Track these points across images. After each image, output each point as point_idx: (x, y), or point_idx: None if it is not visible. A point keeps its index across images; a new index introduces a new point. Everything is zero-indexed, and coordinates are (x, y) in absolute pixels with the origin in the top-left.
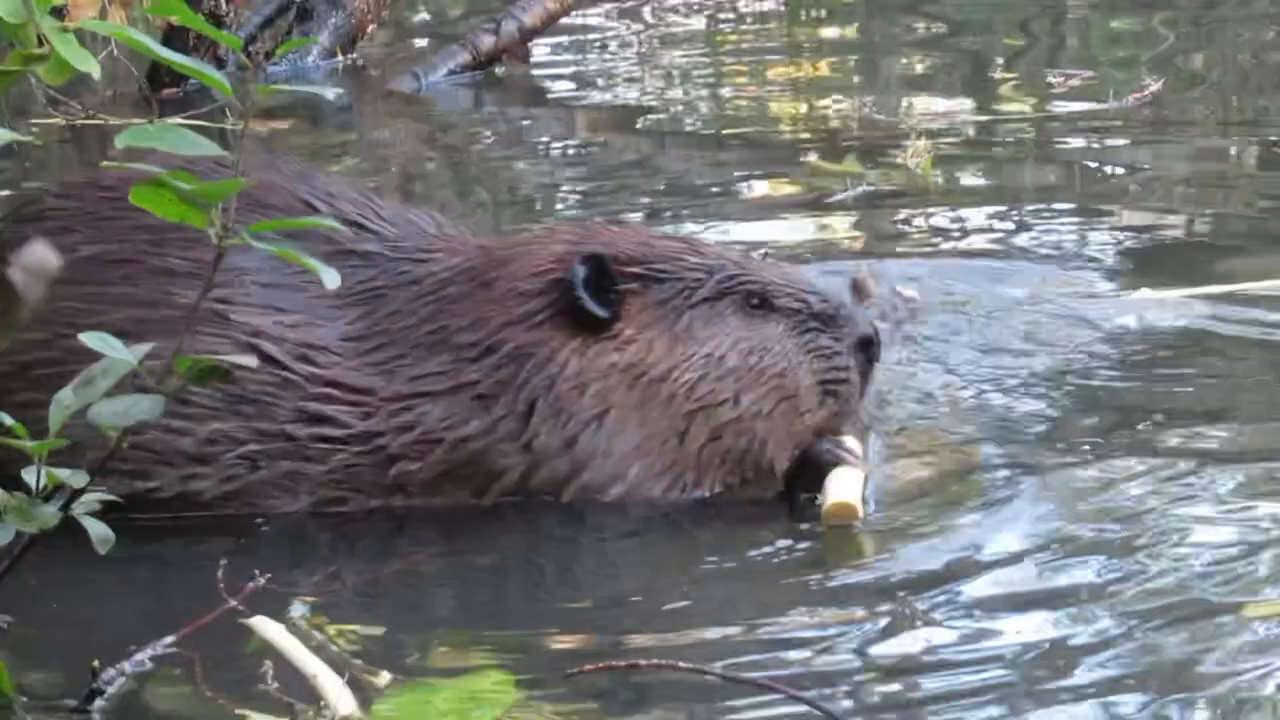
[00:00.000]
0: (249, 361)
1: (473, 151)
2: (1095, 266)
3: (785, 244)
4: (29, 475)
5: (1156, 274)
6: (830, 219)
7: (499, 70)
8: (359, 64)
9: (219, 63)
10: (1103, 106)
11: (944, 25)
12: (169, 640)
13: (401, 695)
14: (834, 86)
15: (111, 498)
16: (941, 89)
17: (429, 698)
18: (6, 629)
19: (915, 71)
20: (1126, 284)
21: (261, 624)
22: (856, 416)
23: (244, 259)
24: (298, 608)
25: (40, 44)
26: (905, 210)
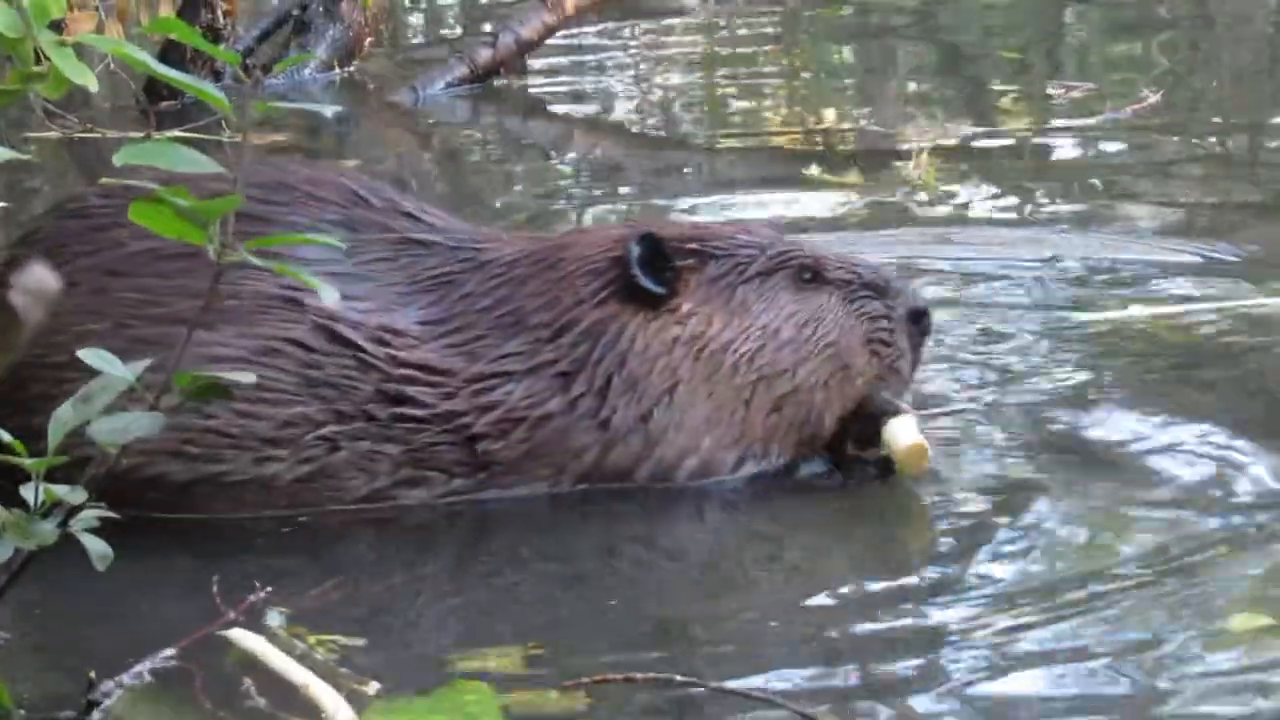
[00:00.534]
0: (248, 379)
1: (470, 164)
2: (1092, 279)
3: None
4: (27, 491)
5: (1154, 289)
6: (830, 231)
7: (496, 83)
8: (356, 77)
9: (216, 75)
10: (1103, 118)
11: (942, 41)
12: (169, 652)
13: (393, 705)
14: (833, 100)
15: (111, 514)
16: (941, 103)
17: (421, 707)
18: (2, 644)
19: (915, 85)
20: (1126, 297)
21: (242, 636)
22: (907, 387)
23: (307, 249)
24: (275, 617)
25: (38, 59)
26: (907, 221)
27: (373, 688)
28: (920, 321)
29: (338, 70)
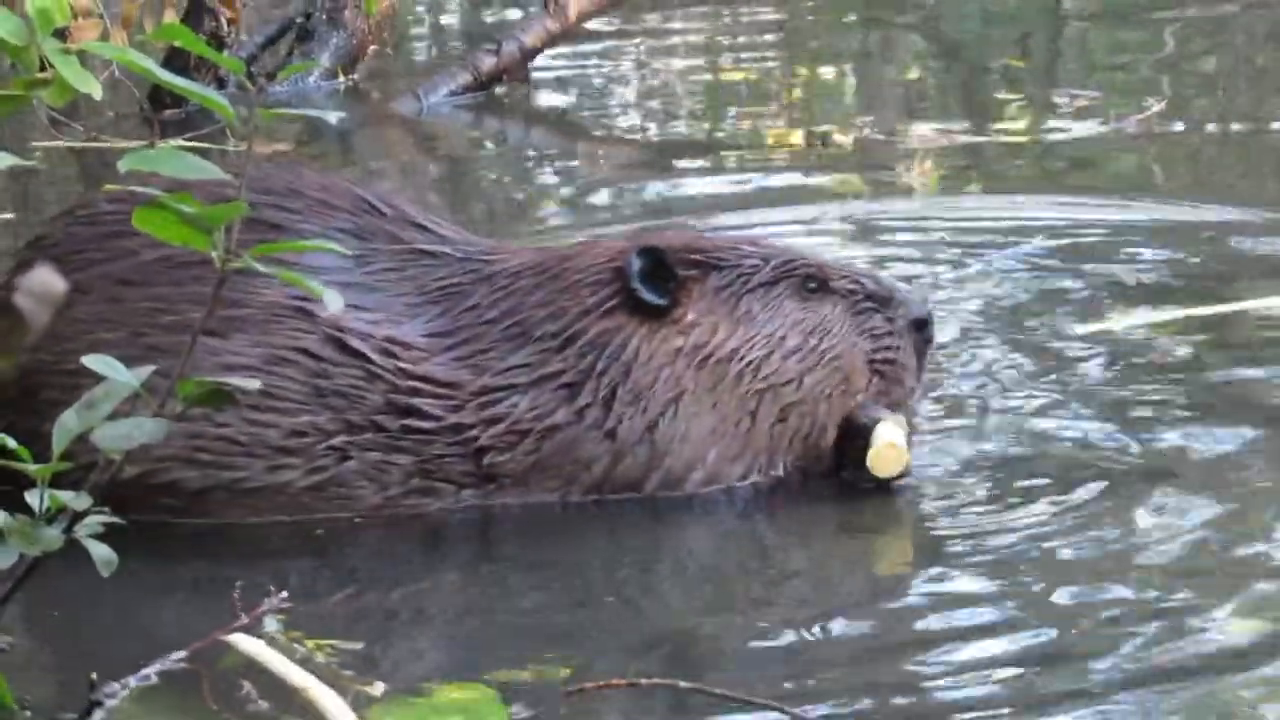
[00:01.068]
0: (252, 385)
1: (473, 171)
2: (1098, 287)
3: None
4: (32, 497)
5: (1162, 294)
6: (831, 237)
7: (500, 90)
8: (360, 84)
9: (220, 82)
10: (1107, 127)
11: (944, 45)
12: (179, 655)
13: (397, 708)
14: (833, 106)
15: (116, 520)
16: (943, 109)
17: (424, 709)
18: (7, 649)
19: (916, 91)
20: (1130, 304)
21: (244, 640)
22: (910, 397)
23: (317, 258)
24: (275, 623)
25: (43, 66)
26: (909, 228)
27: (378, 689)
28: (924, 330)
29: (341, 78)
